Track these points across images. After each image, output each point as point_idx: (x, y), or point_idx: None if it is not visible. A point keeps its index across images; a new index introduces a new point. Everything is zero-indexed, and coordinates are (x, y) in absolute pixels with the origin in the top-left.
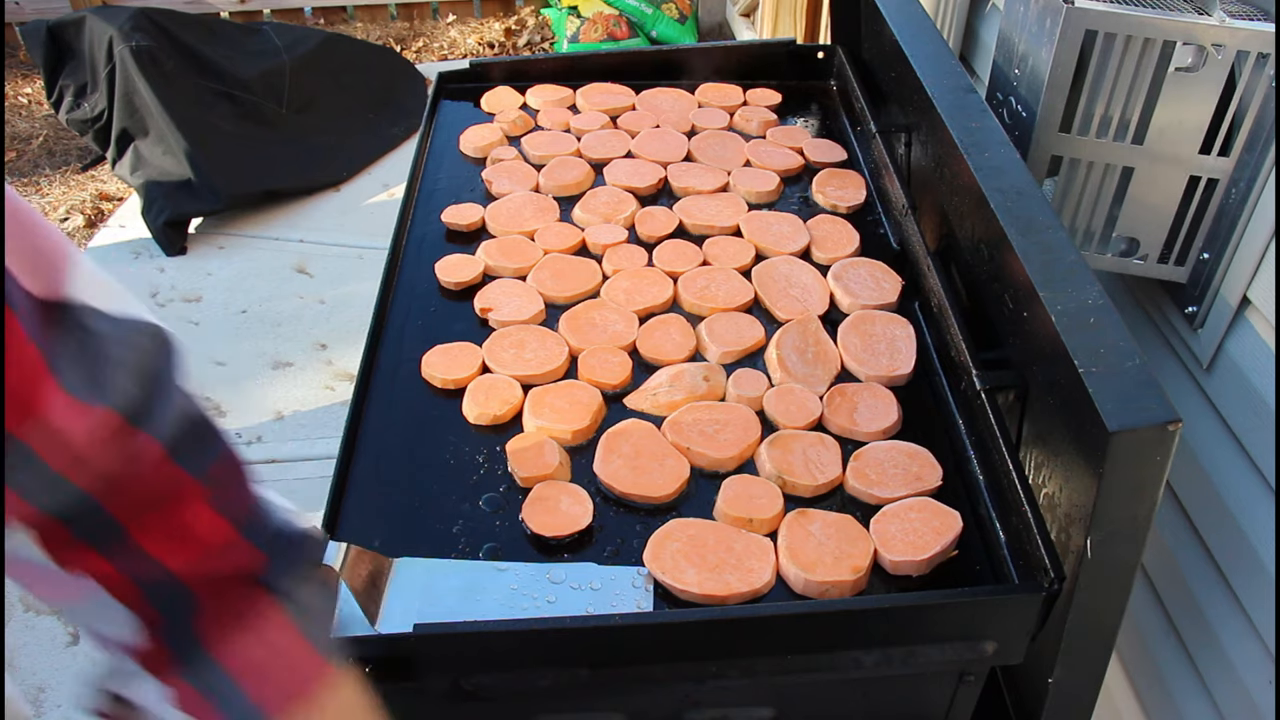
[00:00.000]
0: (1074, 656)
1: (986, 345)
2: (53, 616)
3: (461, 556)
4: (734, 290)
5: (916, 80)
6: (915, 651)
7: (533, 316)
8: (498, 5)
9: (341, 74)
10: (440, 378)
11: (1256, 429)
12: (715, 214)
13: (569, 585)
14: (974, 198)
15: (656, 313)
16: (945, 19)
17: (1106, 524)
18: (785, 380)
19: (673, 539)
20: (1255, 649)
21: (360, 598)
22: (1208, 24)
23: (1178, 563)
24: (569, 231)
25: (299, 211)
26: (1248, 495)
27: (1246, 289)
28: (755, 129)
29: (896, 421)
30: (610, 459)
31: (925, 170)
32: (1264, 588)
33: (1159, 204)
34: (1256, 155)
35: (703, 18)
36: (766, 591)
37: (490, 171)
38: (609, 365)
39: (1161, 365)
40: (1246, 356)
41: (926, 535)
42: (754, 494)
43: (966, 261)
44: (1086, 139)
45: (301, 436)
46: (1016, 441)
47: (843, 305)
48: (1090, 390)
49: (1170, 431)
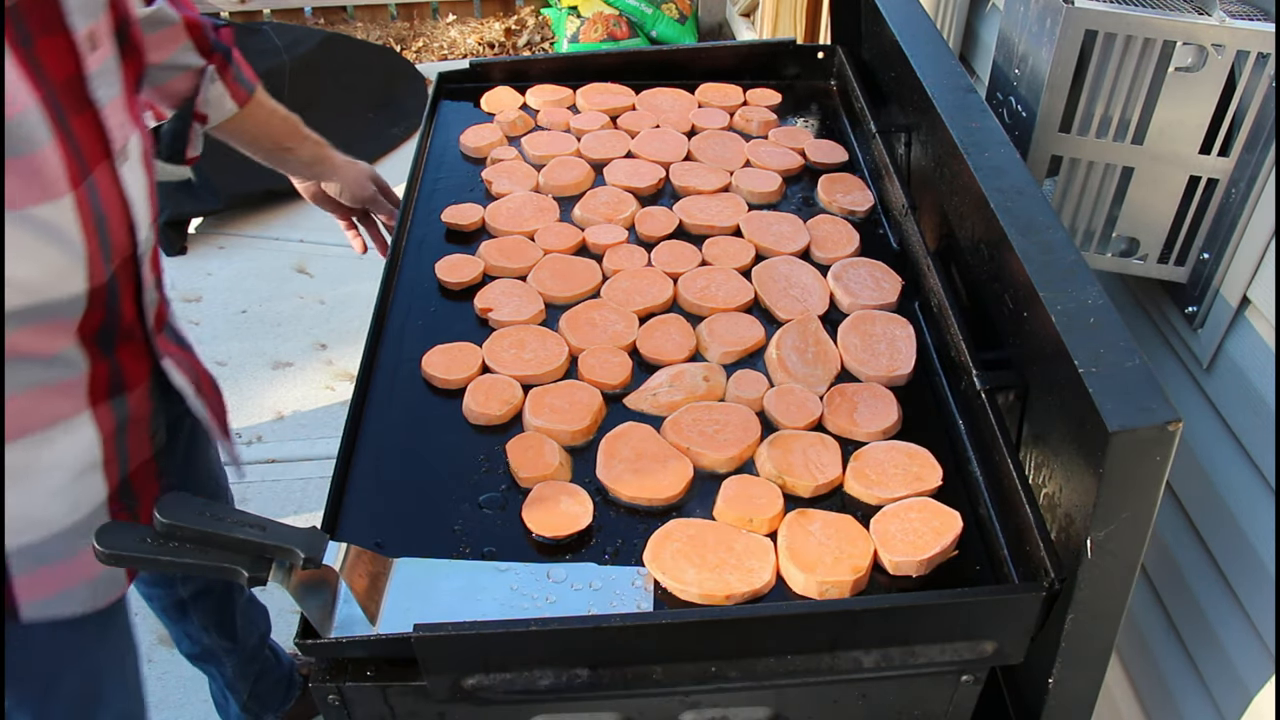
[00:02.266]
0: (1074, 656)
1: (986, 345)
2: None
3: (461, 556)
4: (734, 290)
5: (916, 80)
6: (915, 651)
7: (533, 316)
8: (498, 5)
9: (341, 74)
10: (440, 378)
11: (1256, 429)
12: (715, 214)
13: (569, 585)
14: (974, 198)
15: (656, 313)
16: (945, 19)
17: (1106, 524)
18: (785, 380)
19: (673, 539)
20: (1255, 649)
21: (360, 598)
22: (1208, 24)
23: (1178, 563)
24: (569, 231)
25: (299, 211)
26: (1248, 495)
27: (1246, 289)
28: (755, 129)
29: (896, 422)
30: (612, 464)
31: (925, 170)
32: (1264, 587)
33: (1159, 204)
34: (1256, 155)
35: (703, 18)
36: (766, 591)
37: (490, 171)
38: (609, 365)
39: (1161, 365)
40: (1246, 356)
41: (926, 535)
42: (754, 494)
43: (966, 261)
44: (1086, 139)
45: (301, 436)
46: (1016, 441)
47: (843, 305)
48: (1090, 390)
49: (1170, 431)
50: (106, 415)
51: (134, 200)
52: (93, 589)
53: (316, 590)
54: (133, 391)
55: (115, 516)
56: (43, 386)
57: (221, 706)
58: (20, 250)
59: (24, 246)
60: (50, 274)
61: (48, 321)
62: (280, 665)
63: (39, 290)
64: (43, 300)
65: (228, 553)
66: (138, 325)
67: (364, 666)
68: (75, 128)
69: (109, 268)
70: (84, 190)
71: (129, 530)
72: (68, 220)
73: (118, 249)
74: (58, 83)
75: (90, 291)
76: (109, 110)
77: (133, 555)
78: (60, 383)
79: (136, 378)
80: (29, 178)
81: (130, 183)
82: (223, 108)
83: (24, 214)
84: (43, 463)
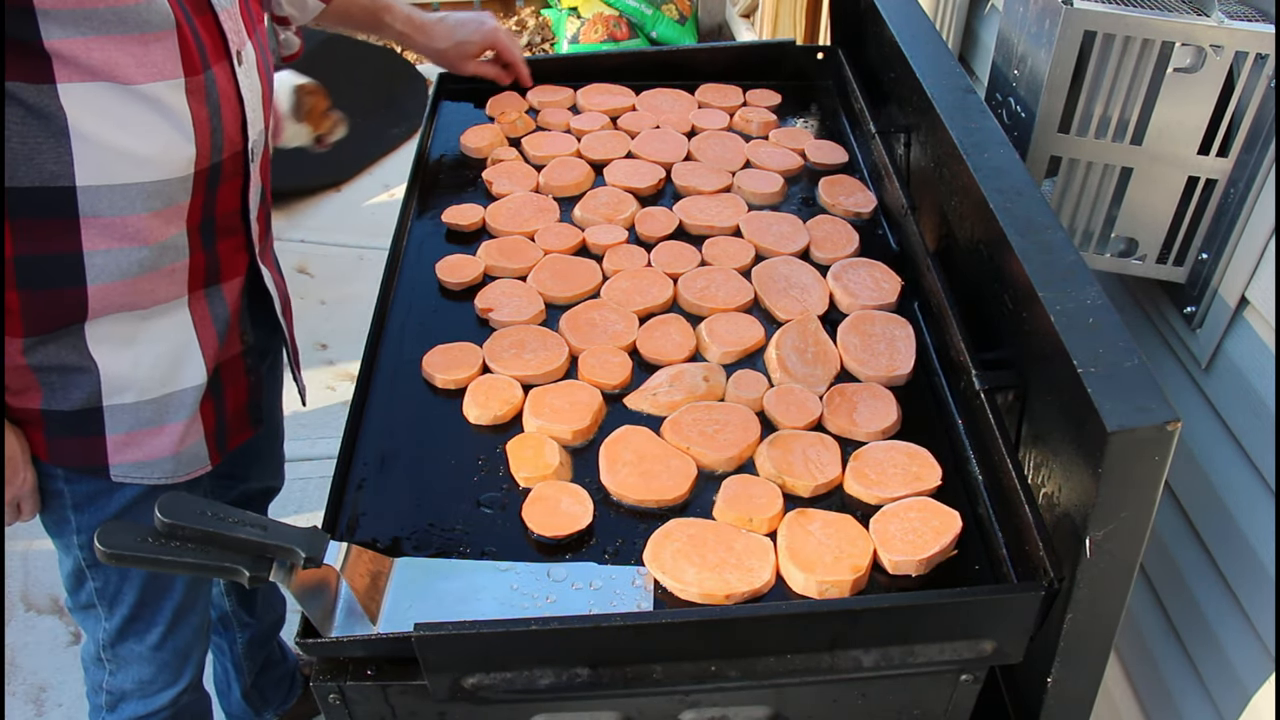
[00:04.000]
0: (1073, 656)
1: (986, 345)
2: (53, 616)
3: (461, 556)
4: (734, 290)
5: (916, 81)
6: (914, 651)
7: (533, 317)
8: (498, 6)
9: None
10: (440, 378)
11: (1255, 429)
12: (715, 214)
13: (569, 585)
14: (973, 198)
15: (656, 313)
16: (945, 19)
17: (1105, 524)
18: (785, 380)
19: (673, 539)
20: (1254, 648)
21: (360, 598)
22: (1206, 25)
23: (1177, 563)
24: (569, 232)
25: (299, 211)
26: (1247, 495)
27: (1245, 289)
28: (755, 130)
29: (896, 421)
30: (616, 469)
31: (925, 171)
32: (1263, 587)
33: (1158, 204)
34: (1255, 155)
35: (703, 18)
36: (766, 591)
37: (491, 172)
38: (609, 366)
39: (1160, 365)
40: (1245, 356)
41: (926, 535)
42: (754, 494)
43: (966, 262)
44: (1085, 139)
45: (301, 436)
46: (1016, 441)
47: (842, 305)
48: (1089, 390)
49: (1169, 431)
50: (201, 303)
51: (248, 101)
52: (175, 462)
53: (317, 590)
54: (228, 283)
55: (203, 405)
56: (153, 271)
57: (223, 692)
58: (137, 125)
59: (140, 121)
60: (163, 149)
61: (162, 206)
62: (286, 662)
63: (155, 165)
64: (158, 178)
65: (229, 552)
66: (239, 220)
67: (364, 666)
68: (199, 25)
69: (218, 156)
70: (201, 80)
71: (130, 530)
72: (178, 101)
73: (229, 141)
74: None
75: (198, 174)
76: (225, 15)
77: (134, 555)
78: (165, 268)
79: (232, 271)
80: (142, 58)
81: (245, 86)
82: (305, 7)
83: (139, 90)
84: (143, 335)
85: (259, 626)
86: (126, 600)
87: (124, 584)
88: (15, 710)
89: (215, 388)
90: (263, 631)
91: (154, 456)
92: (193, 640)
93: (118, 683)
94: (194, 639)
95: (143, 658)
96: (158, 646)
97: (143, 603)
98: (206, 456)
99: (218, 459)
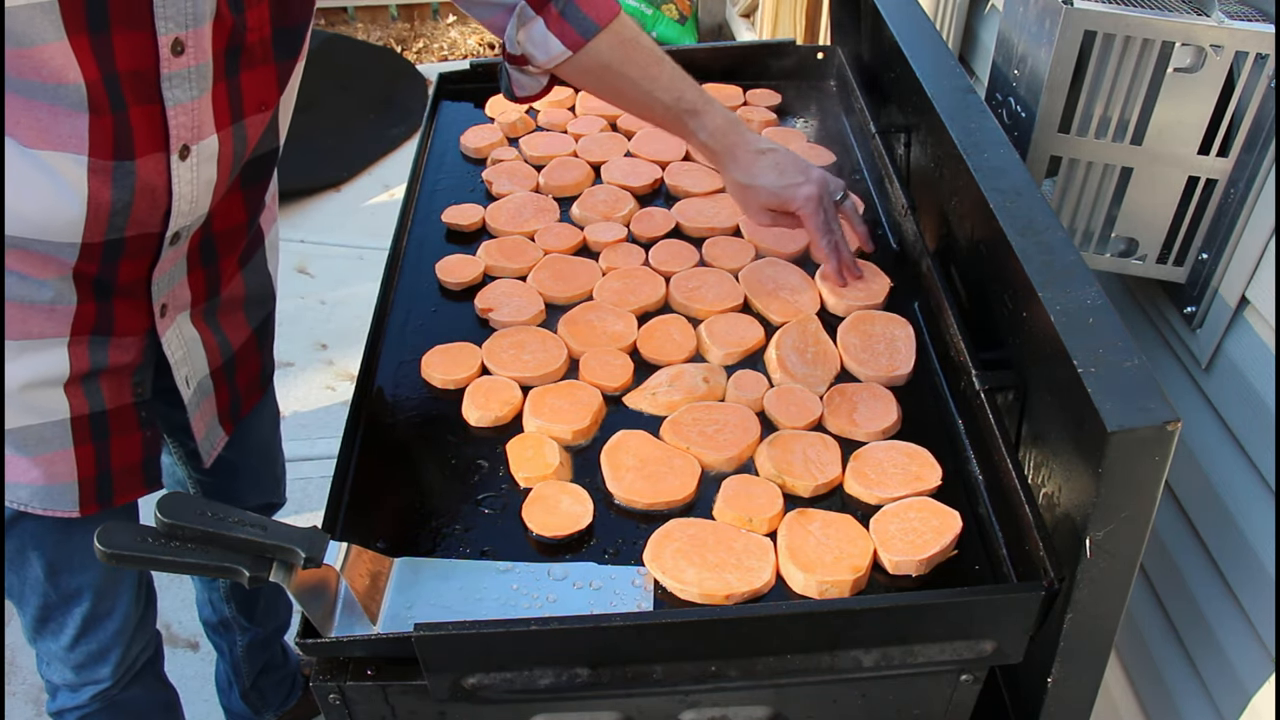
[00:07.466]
0: (1073, 656)
1: (986, 345)
2: None
3: (461, 556)
4: (725, 292)
5: (916, 81)
6: (914, 651)
7: (533, 317)
8: None
9: (342, 75)
10: (440, 378)
11: (1255, 429)
12: (714, 214)
13: (569, 584)
14: (973, 198)
15: (650, 312)
16: (945, 19)
17: (1106, 523)
18: (785, 380)
19: (673, 539)
20: (1254, 649)
21: (360, 598)
22: (1206, 25)
23: (1177, 563)
24: (569, 232)
25: (299, 211)
26: (1247, 495)
27: (1245, 289)
28: (755, 129)
29: (896, 421)
30: (621, 474)
31: (925, 170)
32: (1263, 588)
33: (1158, 204)
34: (1255, 155)
35: (703, 18)
36: (766, 591)
37: (490, 172)
38: (610, 367)
39: (1160, 365)
40: (1245, 356)
41: (926, 535)
42: (754, 494)
43: (966, 261)
44: (1085, 139)
45: (301, 436)
46: (1016, 441)
47: (829, 305)
48: (1089, 390)
49: (1169, 431)
50: (82, 350)
51: (182, 194)
52: (31, 492)
53: (317, 590)
54: (121, 339)
55: (79, 446)
56: (32, 303)
57: (225, 690)
58: (21, 180)
59: (26, 178)
60: (43, 212)
61: (40, 253)
62: (287, 664)
63: (29, 224)
64: (32, 236)
65: (229, 552)
66: (142, 289)
67: (364, 666)
68: (135, 115)
69: (118, 234)
70: (111, 165)
71: (129, 530)
72: (76, 176)
73: (137, 223)
74: (123, 71)
75: (88, 245)
76: (176, 111)
77: (133, 555)
78: (43, 305)
79: (128, 329)
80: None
81: (185, 179)
82: (548, 49)
83: (32, 153)
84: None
85: (260, 631)
86: (31, 603)
87: (24, 588)
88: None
89: (99, 433)
90: (264, 635)
91: (15, 480)
92: (110, 643)
93: (47, 674)
94: (112, 642)
95: (58, 656)
96: (70, 648)
97: (46, 607)
98: (76, 502)
99: (93, 508)
